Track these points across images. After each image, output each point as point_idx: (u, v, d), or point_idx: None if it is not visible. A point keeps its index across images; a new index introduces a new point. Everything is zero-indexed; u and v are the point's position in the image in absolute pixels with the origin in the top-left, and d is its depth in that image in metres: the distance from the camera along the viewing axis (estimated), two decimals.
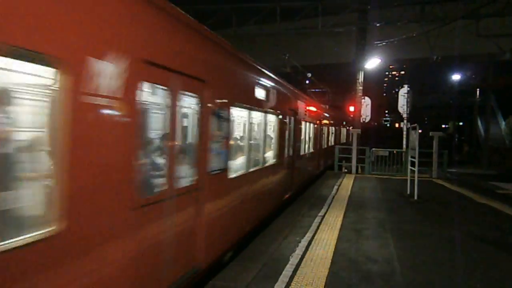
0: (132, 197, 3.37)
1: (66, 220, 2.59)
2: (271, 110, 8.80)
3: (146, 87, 3.59)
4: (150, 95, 3.89)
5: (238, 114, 7.03)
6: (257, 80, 7.75)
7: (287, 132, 10.28)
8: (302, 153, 13.08)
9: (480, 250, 7.09)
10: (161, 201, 3.90)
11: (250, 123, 7.56)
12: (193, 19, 4.69)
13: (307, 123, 13.92)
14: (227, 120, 5.80)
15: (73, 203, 2.68)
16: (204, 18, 20.94)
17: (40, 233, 2.44)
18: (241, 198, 6.72)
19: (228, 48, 6.07)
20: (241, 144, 7.51)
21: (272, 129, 9.37)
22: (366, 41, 20.68)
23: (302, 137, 13.04)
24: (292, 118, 10.94)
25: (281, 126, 9.58)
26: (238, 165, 6.98)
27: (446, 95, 56.48)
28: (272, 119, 9.13)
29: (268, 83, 8.44)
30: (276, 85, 9.21)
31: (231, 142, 6.38)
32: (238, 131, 7.59)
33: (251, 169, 7.46)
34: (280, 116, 9.49)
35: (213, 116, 5.19)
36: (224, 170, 5.72)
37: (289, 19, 22.47)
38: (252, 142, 7.80)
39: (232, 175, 6.21)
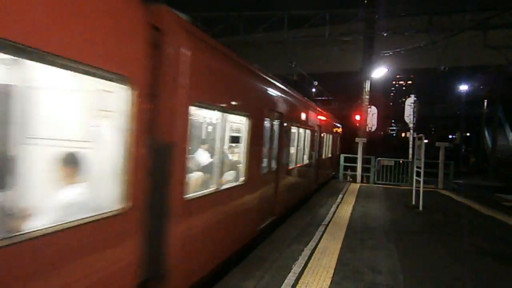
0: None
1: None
2: (238, 110, 6.17)
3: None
4: None
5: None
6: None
7: (266, 140, 7.72)
8: (291, 166, 10.50)
9: (484, 263, 7.02)
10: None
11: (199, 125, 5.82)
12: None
13: (300, 129, 11.45)
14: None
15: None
16: (211, 25, 21.11)
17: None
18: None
19: None
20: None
21: (242, 137, 6.55)
22: (373, 50, 20.71)
23: (293, 146, 10.78)
24: (277, 122, 8.49)
25: (256, 131, 6.76)
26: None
27: (453, 106, 56.27)
28: (239, 121, 6.45)
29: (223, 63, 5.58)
30: (244, 72, 6.68)
31: None
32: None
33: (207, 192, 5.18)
34: (253, 119, 6.58)
35: None
36: None
37: (297, 27, 22.55)
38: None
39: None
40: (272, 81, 8.51)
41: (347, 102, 36.32)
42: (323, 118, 15.96)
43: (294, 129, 10.69)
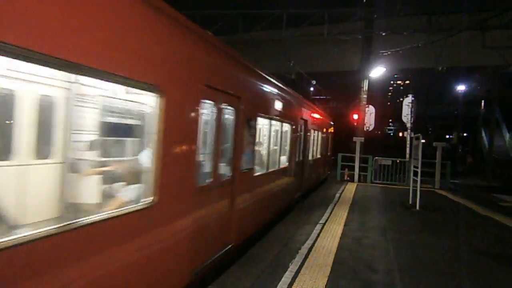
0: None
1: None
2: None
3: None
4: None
5: None
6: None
7: (212, 136, 5.46)
8: (259, 171, 7.81)
9: (481, 262, 7.04)
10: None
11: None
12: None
13: (273, 122, 9.05)
14: None
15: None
16: (211, 23, 21.09)
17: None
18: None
19: None
20: None
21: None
22: (372, 49, 20.74)
23: (260, 145, 8.38)
24: (233, 110, 6.07)
25: (177, 120, 4.34)
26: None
27: (450, 106, 56.41)
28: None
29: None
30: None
31: None
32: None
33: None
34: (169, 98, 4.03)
35: None
36: None
37: (296, 26, 22.55)
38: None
39: None
40: (243, 59, 6.56)
41: (345, 102, 36.38)
42: (310, 112, 13.73)
43: (262, 122, 8.44)
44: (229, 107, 5.89)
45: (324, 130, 18.30)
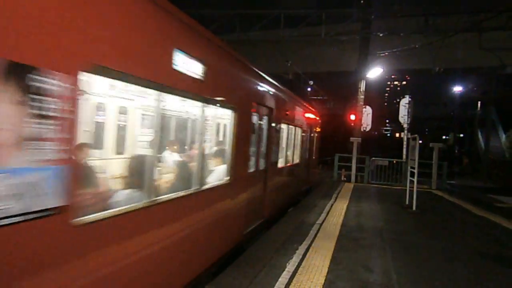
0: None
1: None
2: None
3: None
4: None
5: None
6: None
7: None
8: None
9: (478, 263, 7.07)
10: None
11: None
12: None
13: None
14: None
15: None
16: (208, 22, 21.06)
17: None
18: None
19: None
20: None
21: None
22: (369, 50, 20.78)
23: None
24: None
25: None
26: None
27: (447, 107, 56.61)
28: None
29: None
30: None
31: None
32: None
33: None
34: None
35: None
36: None
37: (293, 26, 22.57)
38: None
39: None
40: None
41: (343, 102, 36.43)
42: (280, 98, 9.61)
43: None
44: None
45: (308, 125, 14.48)
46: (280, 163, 10.37)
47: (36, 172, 2.40)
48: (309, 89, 31.09)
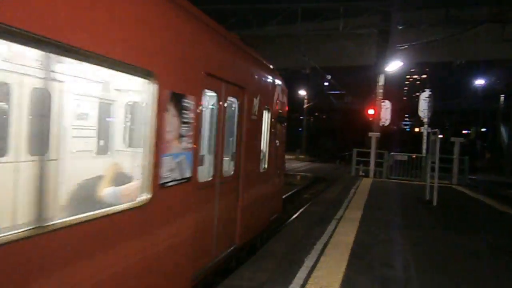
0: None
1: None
2: None
3: None
4: None
5: None
6: None
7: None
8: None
9: (499, 259, 6.93)
10: None
11: None
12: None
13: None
14: None
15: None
16: (224, 18, 21.08)
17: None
18: None
19: None
20: None
21: None
22: (388, 43, 20.48)
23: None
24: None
25: None
26: None
27: (468, 100, 55.40)
28: None
29: None
30: None
31: None
32: None
33: None
34: None
35: None
36: None
37: (310, 20, 22.41)
38: None
39: None
40: None
41: (361, 96, 36.07)
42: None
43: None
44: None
45: (270, 107, 7.79)
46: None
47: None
48: (326, 83, 30.88)
